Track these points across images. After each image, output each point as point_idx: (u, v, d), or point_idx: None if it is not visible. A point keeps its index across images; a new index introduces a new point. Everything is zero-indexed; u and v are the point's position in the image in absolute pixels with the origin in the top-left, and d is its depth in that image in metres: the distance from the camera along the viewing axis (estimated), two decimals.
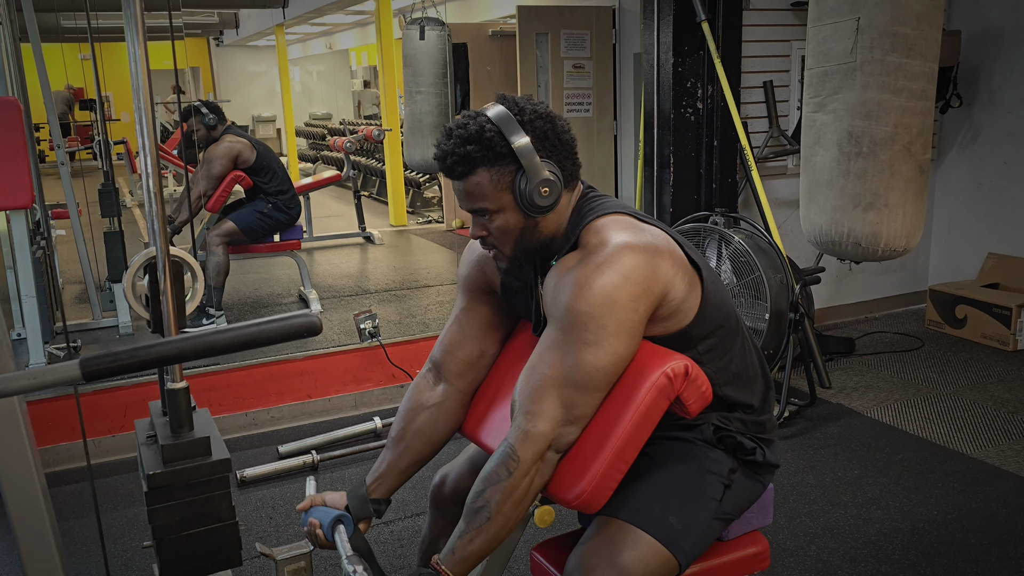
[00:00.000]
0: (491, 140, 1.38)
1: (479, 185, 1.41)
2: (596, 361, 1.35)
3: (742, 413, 1.55)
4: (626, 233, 1.40)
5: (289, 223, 4.70)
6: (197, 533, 1.44)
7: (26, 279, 3.37)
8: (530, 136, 1.39)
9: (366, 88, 14.69)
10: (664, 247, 1.41)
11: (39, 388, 0.93)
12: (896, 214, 2.86)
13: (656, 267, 1.38)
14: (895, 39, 2.74)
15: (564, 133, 1.44)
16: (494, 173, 1.40)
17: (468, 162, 1.40)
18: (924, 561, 2.41)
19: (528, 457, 1.35)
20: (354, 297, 5.01)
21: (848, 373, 3.93)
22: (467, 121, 1.41)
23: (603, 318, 1.34)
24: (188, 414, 1.48)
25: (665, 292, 1.39)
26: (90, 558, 2.58)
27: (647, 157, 4.08)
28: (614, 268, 1.35)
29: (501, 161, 1.39)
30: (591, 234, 1.42)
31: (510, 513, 1.36)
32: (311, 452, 3.18)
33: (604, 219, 1.43)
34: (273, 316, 1.02)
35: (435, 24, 5.87)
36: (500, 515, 1.36)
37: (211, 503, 1.45)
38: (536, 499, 1.43)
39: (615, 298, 1.34)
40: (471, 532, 1.37)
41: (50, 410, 3.18)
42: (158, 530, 1.42)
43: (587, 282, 1.35)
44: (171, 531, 1.43)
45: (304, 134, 13.62)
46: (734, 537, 1.62)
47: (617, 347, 1.35)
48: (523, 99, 1.44)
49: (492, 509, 1.36)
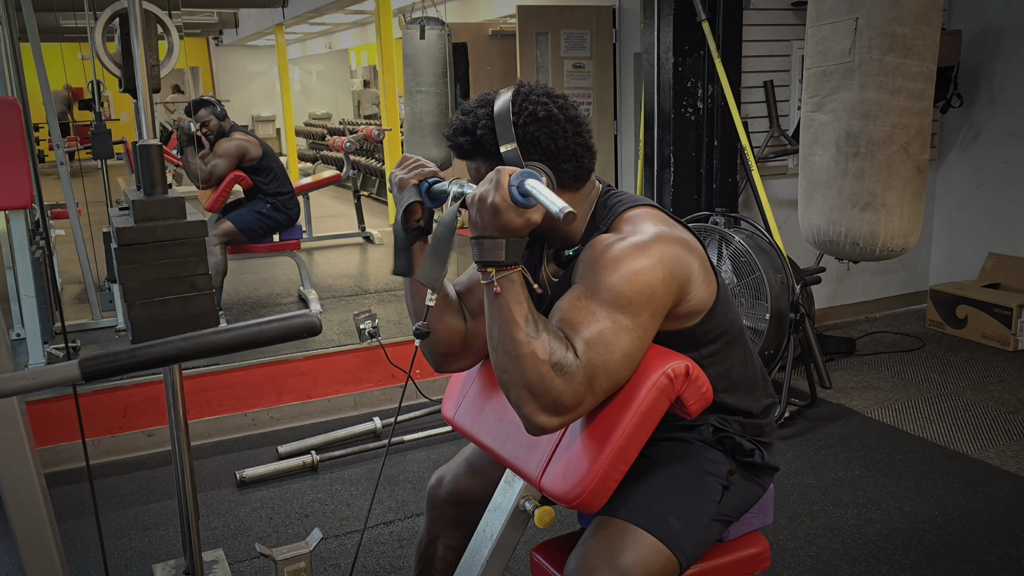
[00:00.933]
0: (482, 139, 1.41)
1: (477, 170, 1.46)
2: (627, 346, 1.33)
3: (741, 416, 1.55)
4: (664, 225, 1.41)
5: (288, 223, 4.70)
6: (171, 300, 1.36)
7: (25, 279, 3.37)
8: (518, 141, 1.39)
9: (366, 88, 14.69)
10: (694, 244, 1.43)
11: (38, 388, 0.93)
12: (894, 214, 2.86)
13: (689, 263, 1.39)
14: (893, 39, 2.74)
15: (563, 138, 1.41)
16: (488, 165, 1.43)
17: (462, 151, 1.45)
18: (925, 561, 2.41)
19: (581, 378, 1.30)
20: (354, 297, 5.01)
21: (848, 373, 3.93)
22: (474, 107, 1.44)
23: (640, 307, 1.33)
24: (162, 175, 1.39)
25: (689, 289, 1.40)
26: (90, 558, 2.58)
27: (647, 157, 4.07)
28: (654, 255, 1.34)
29: (489, 158, 1.42)
30: (626, 222, 1.42)
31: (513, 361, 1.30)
32: (311, 452, 3.18)
33: (640, 210, 1.45)
34: (273, 316, 1.02)
35: (435, 24, 5.87)
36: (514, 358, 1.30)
37: (186, 267, 1.36)
38: (534, 496, 1.41)
39: (655, 288, 1.33)
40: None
41: (50, 410, 3.18)
42: (129, 292, 1.34)
43: (631, 262, 1.33)
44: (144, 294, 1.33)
45: (304, 134, 13.61)
46: (734, 538, 1.62)
47: (646, 335, 1.35)
48: (535, 93, 1.42)
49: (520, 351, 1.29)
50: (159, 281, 1.34)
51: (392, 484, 3.00)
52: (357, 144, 6.80)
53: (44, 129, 4.93)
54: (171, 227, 1.35)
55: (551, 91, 1.44)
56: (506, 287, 1.30)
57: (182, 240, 1.35)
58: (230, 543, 2.65)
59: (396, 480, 3.02)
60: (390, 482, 3.01)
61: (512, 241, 1.29)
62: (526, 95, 1.42)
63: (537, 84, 1.46)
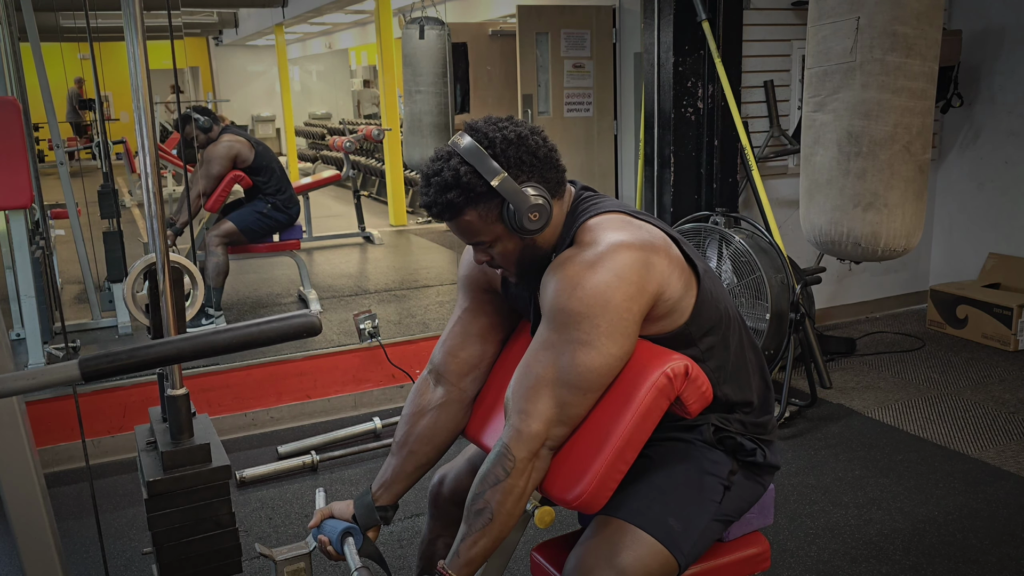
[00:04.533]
0: (469, 183, 1.37)
1: (470, 224, 1.41)
2: (589, 362, 1.35)
3: (741, 414, 1.54)
4: (620, 231, 1.39)
5: (288, 223, 4.70)
6: (197, 540, 1.44)
7: (25, 279, 3.37)
8: (505, 167, 1.38)
9: (366, 87, 14.69)
10: (660, 244, 1.41)
11: (38, 388, 0.93)
12: (896, 214, 2.85)
13: (651, 265, 1.37)
14: (895, 39, 2.73)
15: (540, 149, 1.41)
16: (480, 211, 1.40)
17: (453, 208, 1.40)
18: (925, 561, 2.41)
19: (523, 456, 1.36)
20: (354, 297, 5.01)
21: (849, 373, 3.92)
22: (440, 167, 1.39)
23: (597, 318, 1.33)
24: (188, 420, 1.48)
25: (660, 291, 1.38)
26: (89, 558, 2.58)
27: (647, 157, 4.07)
28: (607, 267, 1.34)
29: (484, 199, 1.39)
30: (585, 233, 1.41)
31: (512, 511, 1.37)
32: (311, 452, 3.18)
33: (598, 218, 1.43)
34: (273, 316, 1.02)
35: (435, 23, 5.87)
36: (501, 515, 1.36)
37: (211, 509, 1.45)
38: (534, 496, 1.42)
39: (609, 298, 1.33)
40: (474, 534, 1.37)
41: (49, 410, 3.18)
42: (158, 536, 1.42)
43: (580, 280, 1.34)
44: (171, 538, 1.43)
45: (303, 134, 13.62)
46: (735, 538, 1.62)
47: (611, 348, 1.35)
48: (490, 125, 1.42)
49: (493, 510, 1.36)
50: (185, 525, 1.44)
51: None
52: (357, 144, 6.80)
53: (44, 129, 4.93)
54: (198, 475, 1.44)
55: (496, 119, 1.44)
56: None
57: (208, 485, 1.45)
58: None
59: None
60: None
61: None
62: (483, 130, 1.41)
63: (483, 119, 1.45)
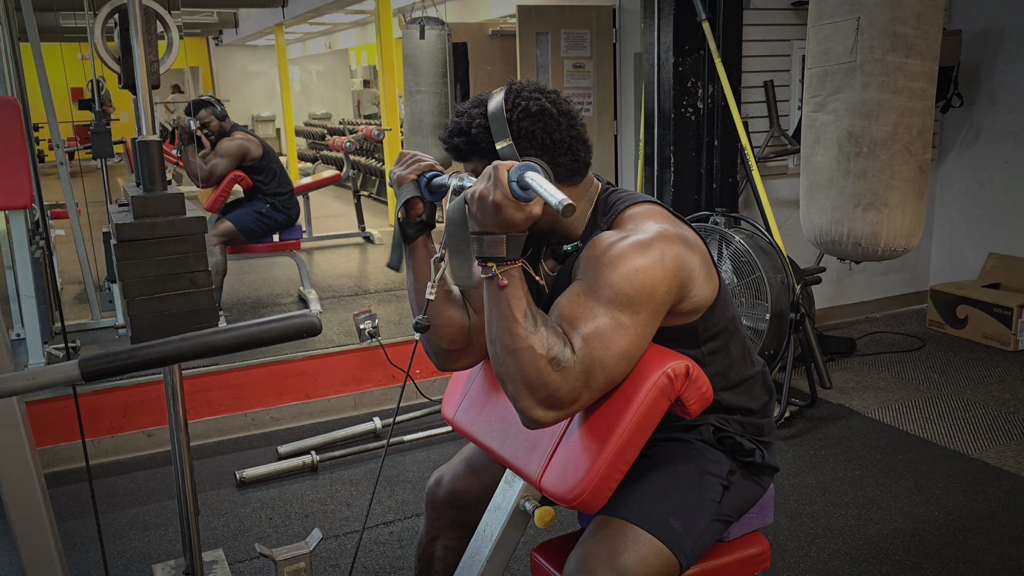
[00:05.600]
0: (477, 137, 1.42)
1: (474, 171, 1.47)
2: (627, 345, 1.33)
3: (740, 416, 1.55)
4: (666, 222, 1.41)
5: (288, 223, 4.70)
6: (171, 296, 1.36)
7: (25, 279, 3.37)
8: (513, 137, 1.40)
9: (366, 88, 14.69)
10: (696, 242, 1.43)
11: (38, 388, 0.93)
12: (896, 214, 2.86)
13: (689, 260, 1.39)
14: (895, 39, 2.73)
15: (557, 131, 1.42)
16: (484, 164, 1.43)
17: (459, 152, 1.47)
18: (925, 562, 2.41)
19: (572, 384, 1.29)
20: (354, 297, 5.01)
21: (849, 373, 3.92)
22: (467, 108, 1.46)
23: (639, 305, 1.32)
24: (161, 171, 1.39)
25: (691, 286, 1.40)
26: (89, 558, 2.58)
27: (647, 157, 4.07)
28: (655, 253, 1.34)
29: (487, 156, 1.43)
30: (628, 220, 1.42)
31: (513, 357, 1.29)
32: (311, 453, 3.18)
33: (642, 207, 1.45)
34: (272, 316, 1.02)
35: (435, 23, 5.87)
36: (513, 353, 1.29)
37: (185, 264, 1.36)
38: (535, 496, 1.41)
39: (656, 287, 1.33)
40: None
41: (49, 410, 3.18)
42: (128, 288, 1.34)
43: (630, 261, 1.33)
44: (142, 290, 1.34)
45: (304, 134, 13.61)
46: (735, 538, 1.62)
47: (644, 332, 1.34)
48: (526, 89, 1.44)
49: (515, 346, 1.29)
50: (158, 277, 1.33)
51: (392, 484, 3.00)
52: (357, 144, 6.80)
53: (44, 129, 4.93)
54: (171, 223, 1.34)
55: (543, 87, 1.46)
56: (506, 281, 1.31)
57: (182, 236, 1.35)
58: (230, 543, 2.65)
59: (396, 480, 3.02)
60: (390, 482, 3.01)
61: (512, 237, 1.29)
62: (518, 92, 1.44)
63: (529, 82, 1.47)
